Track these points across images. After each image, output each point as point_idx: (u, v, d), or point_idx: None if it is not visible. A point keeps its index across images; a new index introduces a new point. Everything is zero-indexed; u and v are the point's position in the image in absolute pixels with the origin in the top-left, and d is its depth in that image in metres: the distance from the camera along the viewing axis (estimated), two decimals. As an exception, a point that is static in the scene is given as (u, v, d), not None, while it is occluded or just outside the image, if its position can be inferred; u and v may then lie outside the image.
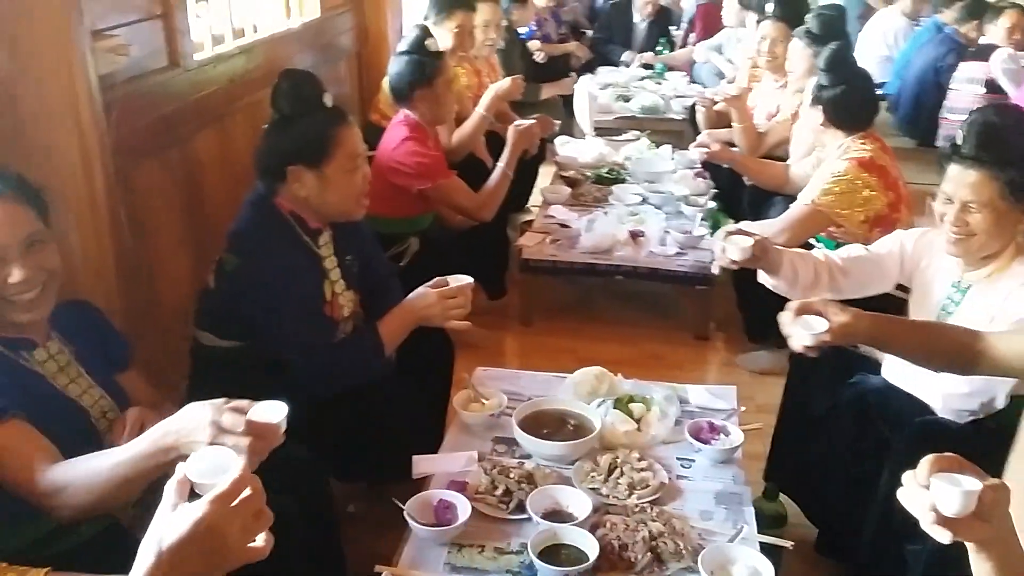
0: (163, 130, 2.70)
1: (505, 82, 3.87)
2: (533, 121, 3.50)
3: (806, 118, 3.23)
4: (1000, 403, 1.99)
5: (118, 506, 1.51)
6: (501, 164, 3.36)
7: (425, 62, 3.24)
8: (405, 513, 1.83)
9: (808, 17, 3.88)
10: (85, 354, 1.74)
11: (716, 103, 4.33)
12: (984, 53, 5.62)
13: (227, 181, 3.07)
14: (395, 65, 3.30)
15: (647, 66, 6.45)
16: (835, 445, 2.22)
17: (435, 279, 2.29)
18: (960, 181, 2.01)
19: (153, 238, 2.68)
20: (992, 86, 5.39)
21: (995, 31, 5.87)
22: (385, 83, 4.13)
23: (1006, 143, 1.96)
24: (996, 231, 2.01)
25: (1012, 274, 2.03)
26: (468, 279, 2.28)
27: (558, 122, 4.27)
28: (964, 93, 5.44)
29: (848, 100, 3.09)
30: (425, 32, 3.36)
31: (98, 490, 1.41)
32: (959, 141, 2.01)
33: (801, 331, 1.81)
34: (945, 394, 2.04)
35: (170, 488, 1.04)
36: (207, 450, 1.04)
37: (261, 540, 1.04)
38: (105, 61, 2.30)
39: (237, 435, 1.31)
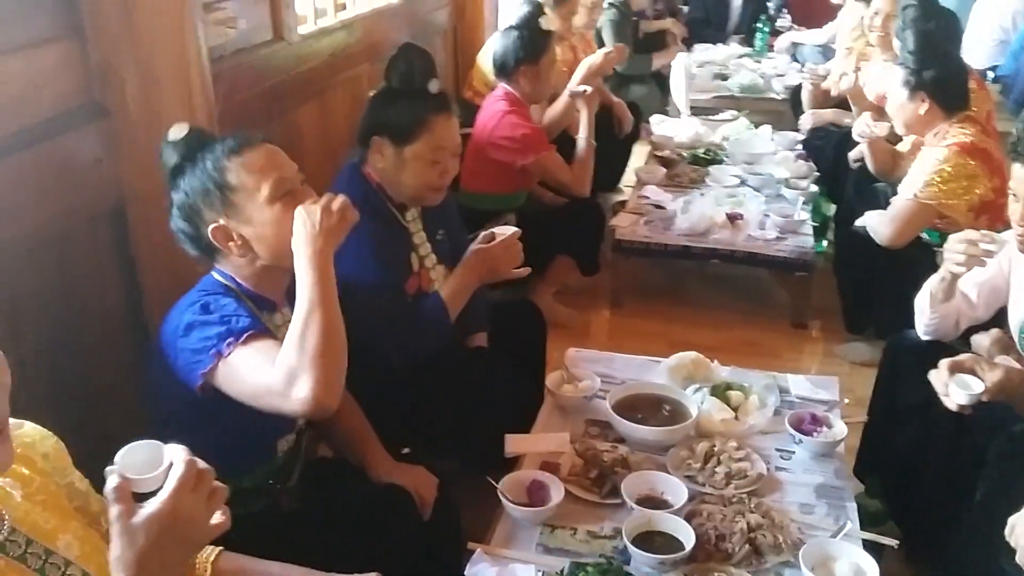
0: (267, 102, 2.74)
1: (597, 56, 3.78)
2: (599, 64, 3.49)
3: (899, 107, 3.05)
4: None
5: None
6: (581, 135, 3.35)
7: (535, 39, 3.25)
8: (499, 492, 1.82)
9: (899, 9, 3.69)
10: None
11: (824, 79, 4.18)
12: None
13: (326, 154, 3.10)
14: (503, 38, 3.32)
15: (746, 43, 6.29)
16: (928, 449, 2.13)
17: (482, 234, 2.26)
18: (1021, 178, 1.93)
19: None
20: None
21: None
22: (480, 59, 4.13)
23: None
24: None
25: None
26: (514, 229, 2.26)
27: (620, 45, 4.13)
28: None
29: (948, 77, 2.94)
30: (539, 9, 3.37)
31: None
32: (1016, 139, 1.94)
33: (958, 391, 1.78)
34: None
35: (111, 497, 0.96)
36: (130, 448, 1.01)
37: (219, 516, 1.02)
38: (215, 33, 2.35)
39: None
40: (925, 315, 2.26)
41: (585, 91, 3.40)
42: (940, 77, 2.92)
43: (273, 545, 1.42)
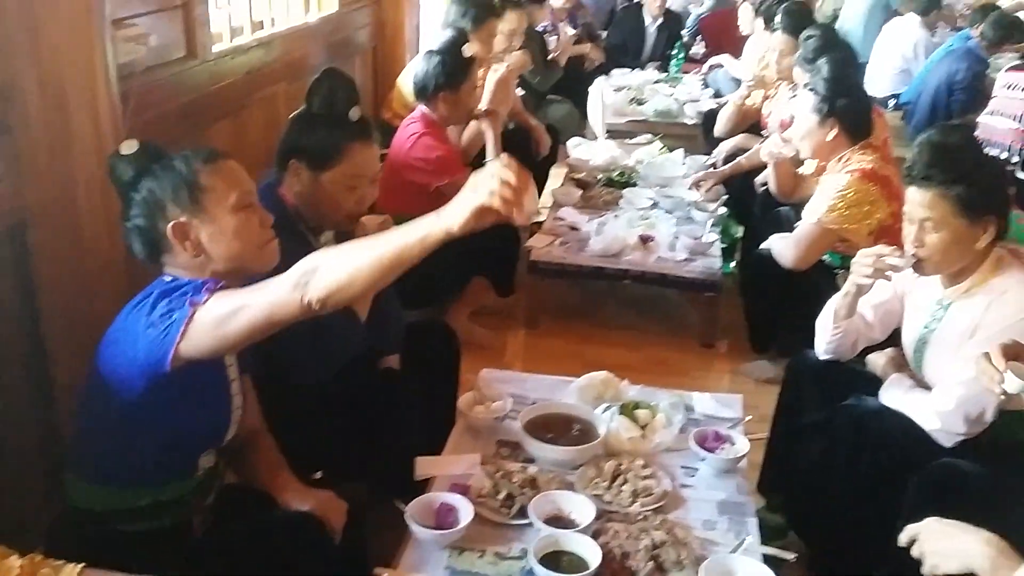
0: (180, 120, 2.70)
1: (499, 69, 3.79)
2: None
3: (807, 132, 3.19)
4: (989, 416, 2.00)
5: (370, 287, 1.50)
6: (489, 157, 3.40)
7: (457, 65, 3.28)
8: (406, 515, 1.83)
9: (801, 41, 3.87)
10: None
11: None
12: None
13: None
14: (424, 62, 3.33)
15: (662, 69, 6.46)
16: (828, 465, 2.22)
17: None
18: (915, 201, 2.06)
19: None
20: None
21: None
22: (400, 81, 4.15)
23: (953, 161, 2.02)
24: (954, 248, 2.05)
25: (990, 288, 2.05)
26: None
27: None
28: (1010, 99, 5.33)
29: (859, 109, 3.08)
30: (463, 36, 3.40)
31: (358, 266, 1.44)
32: (911, 163, 2.07)
33: (1014, 378, 1.70)
34: (940, 412, 2.04)
35: None
36: None
37: None
38: (124, 50, 2.32)
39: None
40: (827, 332, 2.36)
41: (488, 111, 3.44)
42: (851, 106, 3.05)
43: (181, 565, 1.41)
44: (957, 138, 2.07)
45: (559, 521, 1.88)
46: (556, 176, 4.73)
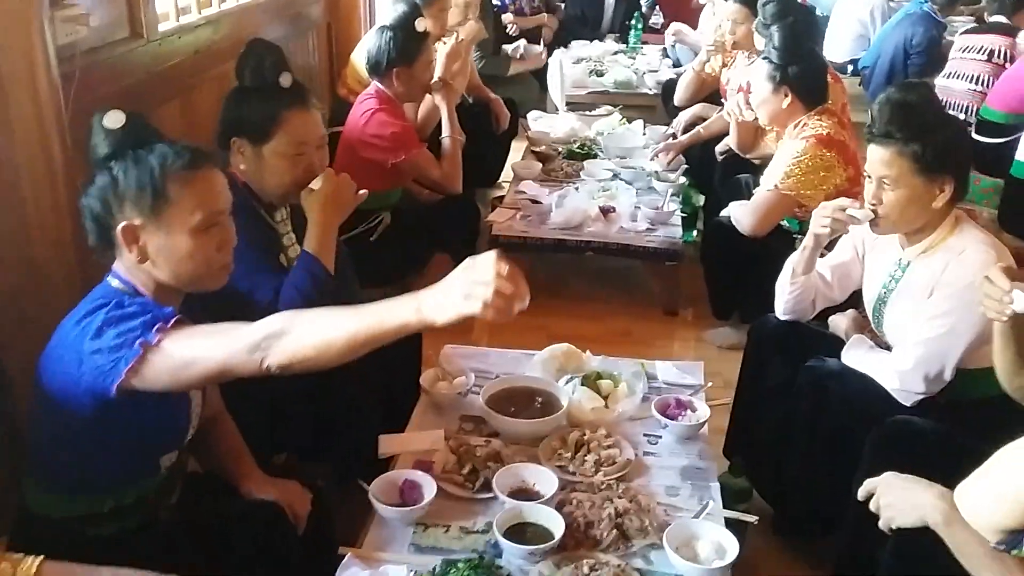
0: (124, 103, 2.52)
1: (450, 42, 3.72)
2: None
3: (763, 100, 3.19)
4: (948, 375, 2.03)
5: (337, 363, 1.42)
6: (445, 132, 3.36)
7: (410, 40, 3.22)
8: (370, 494, 1.82)
9: (759, 5, 3.87)
10: None
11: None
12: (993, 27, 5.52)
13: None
14: (377, 38, 3.28)
15: (621, 40, 6.43)
16: (792, 429, 2.25)
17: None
18: (874, 158, 2.07)
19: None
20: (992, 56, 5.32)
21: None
22: (354, 57, 4.09)
23: (912, 118, 2.02)
24: (911, 207, 2.06)
25: (948, 247, 2.07)
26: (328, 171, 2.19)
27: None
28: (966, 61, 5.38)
29: (811, 74, 3.09)
30: (416, 10, 3.34)
31: (328, 341, 1.37)
32: (871, 121, 2.07)
33: (1022, 296, 1.62)
34: (899, 371, 2.07)
35: None
36: None
37: None
38: (64, 31, 2.25)
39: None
40: (785, 290, 2.37)
41: (442, 84, 3.40)
42: (803, 73, 3.07)
43: (148, 564, 1.38)
44: (917, 96, 2.07)
45: (523, 493, 1.88)
46: (516, 149, 4.71)
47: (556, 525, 1.75)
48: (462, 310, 1.30)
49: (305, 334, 1.37)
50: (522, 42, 5.59)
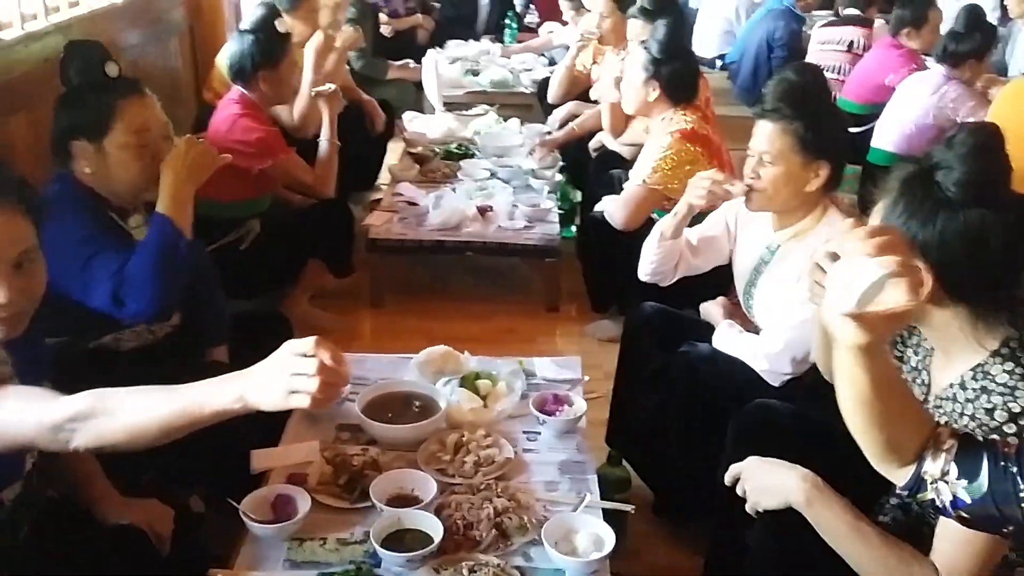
0: (-36, 117, 2.49)
1: (316, 37, 3.67)
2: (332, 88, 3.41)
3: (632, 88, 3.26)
4: (813, 357, 2.10)
5: (151, 446, 1.36)
6: (323, 135, 3.30)
7: (273, 42, 3.14)
8: (240, 512, 1.76)
9: None
10: (22, 368, 1.58)
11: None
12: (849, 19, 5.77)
13: (43, 170, 2.82)
14: (237, 43, 3.18)
15: (497, 40, 6.46)
16: (667, 413, 2.30)
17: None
18: (759, 133, 2.15)
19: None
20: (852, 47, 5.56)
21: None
22: (219, 61, 3.96)
23: (801, 98, 2.11)
24: (787, 186, 2.14)
25: (817, 234, 2.15)
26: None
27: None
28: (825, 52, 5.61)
29: (684, 75, 3.17)
30: (274, 12, 3.26)
31: (140, 428, 1.30)
32: (761, 97, 2.16)
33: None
34: (768, 353, 2.14)
35: None
36: None
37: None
38: None
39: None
40: (651, 252, 2.44)
41: (327, 89, 3.35)
42: (676, 72, 3.14)
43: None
44: (808, 78, 2.15)
45: (402, 500, 1.86)
46: (393, 151, 4.67)
47: (435, 529, 1.73)
48: (289, 405, 1.28)
49: (115, 419, 1.32)
50: (409, 62, 5.56)
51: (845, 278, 1.12)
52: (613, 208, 3.12)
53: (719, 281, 2.59)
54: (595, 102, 4.34)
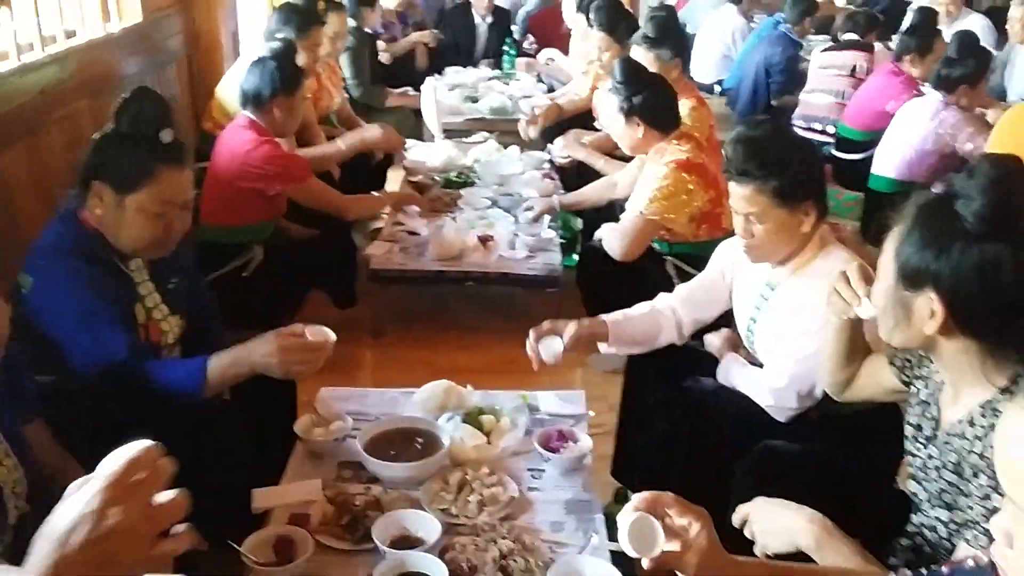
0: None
1: (375, 132, 3.88)
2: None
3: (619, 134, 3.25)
4: (819, 392, 2.08)
5: None
6: (382, 195, 3.60)
7: (292, 72, 3.24)
8: (242, 554, 1.72)
9: (643, 22, 3.97)
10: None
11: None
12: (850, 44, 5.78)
13: (43, 203, 2.84)
14: (257, 70, 3.22)
15: (495, 66, 6.47)
16: (673, 448, 2.26)
17: (295, 325, 2.09)
18: (736, 195, 2.12)
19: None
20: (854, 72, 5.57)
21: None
22: (220, 91, 3.97)
23: (764, 155, 2.07)
24: (781, 235, 2.11)
25: (814, 269, 2.13)
26: (329, 335, 2.10)
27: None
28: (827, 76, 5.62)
29: (656, 101, 3.15)
30: (292, 45, 3.42)
31: None
32: (726, 160, 2.12)
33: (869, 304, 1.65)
34: (773, 388, 2.11)
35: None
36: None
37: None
38: None
39: None
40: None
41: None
42: (649, 101, 3.12)
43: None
44: (764, 131, 2.12)
45: (406, 541, 1.82)
46: (393, 180, 4.65)
47: (439, 573, 1.69)
48: None
49: None
50: (408, 89, 5.58)
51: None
52: (612, 239, 3.11)
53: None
54: (595, 128, 4.36)
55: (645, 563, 1.34)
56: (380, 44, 5.90)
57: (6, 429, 1.60)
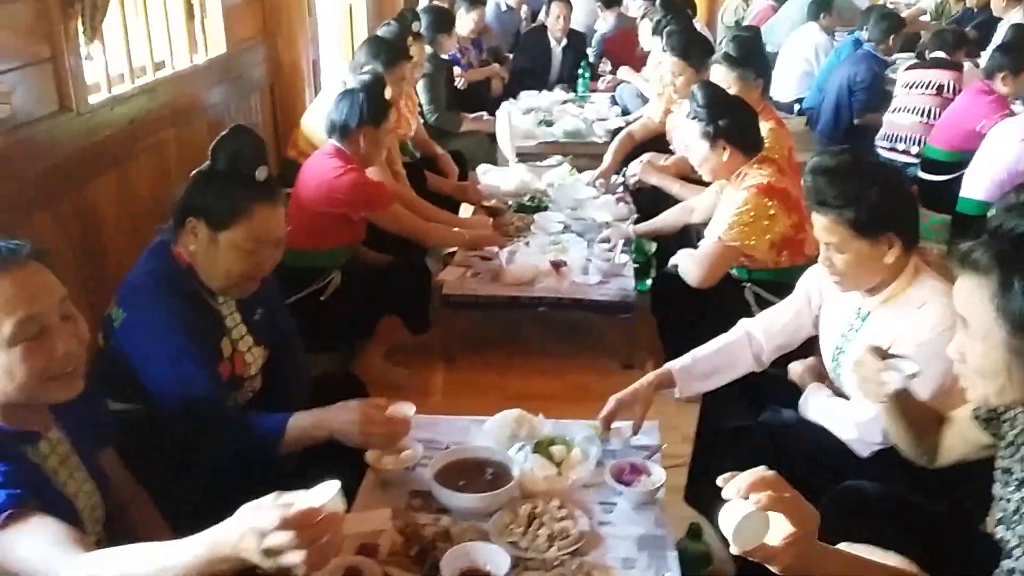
0: (54, 179, 2.57)
1: (487, 235, 3.84)
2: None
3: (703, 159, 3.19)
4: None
5: None
6: (462, 231, 3.70)
7: (380, 103, 3.32)
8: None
9: (726, 41, 3.93)
10: (78, 434, 1.62)
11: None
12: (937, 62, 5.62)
13: (130, 231, 2.94)
14: (346, 100, 3.29)
15: (570, 89, 6.48)
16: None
17: (379, 399, 2.12)
18: (818, 226, 2.09)
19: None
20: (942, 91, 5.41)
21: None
22: (305, 120, 4.06)
23: (841, 186, 2.02)
24: (863, 266, 2.06)
25: (907, 299, 2.06)
26: (410, 410, 2.14)
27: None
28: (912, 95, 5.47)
29: (741, 124, 3.10)
30: (381, 78, 3.50)
31: None
32: (805, 190, 2.09)
33: (895, 375, 1.74)
34: (858, 422, 2.04)
35: None
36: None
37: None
38: (-14, 110, 2.19)
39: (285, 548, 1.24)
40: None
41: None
42: (733, 124, 3.07)
43: None
44: (842, 161, 2.06)
45: (475, 575, 1.80)
46: (466, 205, 4.68)
47: (508, 609, 1.67)
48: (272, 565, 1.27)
49: None
50: (483, 114, 5.64)
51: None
52: (688, 265, 3.05)
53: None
54: (670, 151, 4.31)
55: (734, 549, 1.35)
56: (456, 70, 5.97)
57: (85, 456, 1.64)
